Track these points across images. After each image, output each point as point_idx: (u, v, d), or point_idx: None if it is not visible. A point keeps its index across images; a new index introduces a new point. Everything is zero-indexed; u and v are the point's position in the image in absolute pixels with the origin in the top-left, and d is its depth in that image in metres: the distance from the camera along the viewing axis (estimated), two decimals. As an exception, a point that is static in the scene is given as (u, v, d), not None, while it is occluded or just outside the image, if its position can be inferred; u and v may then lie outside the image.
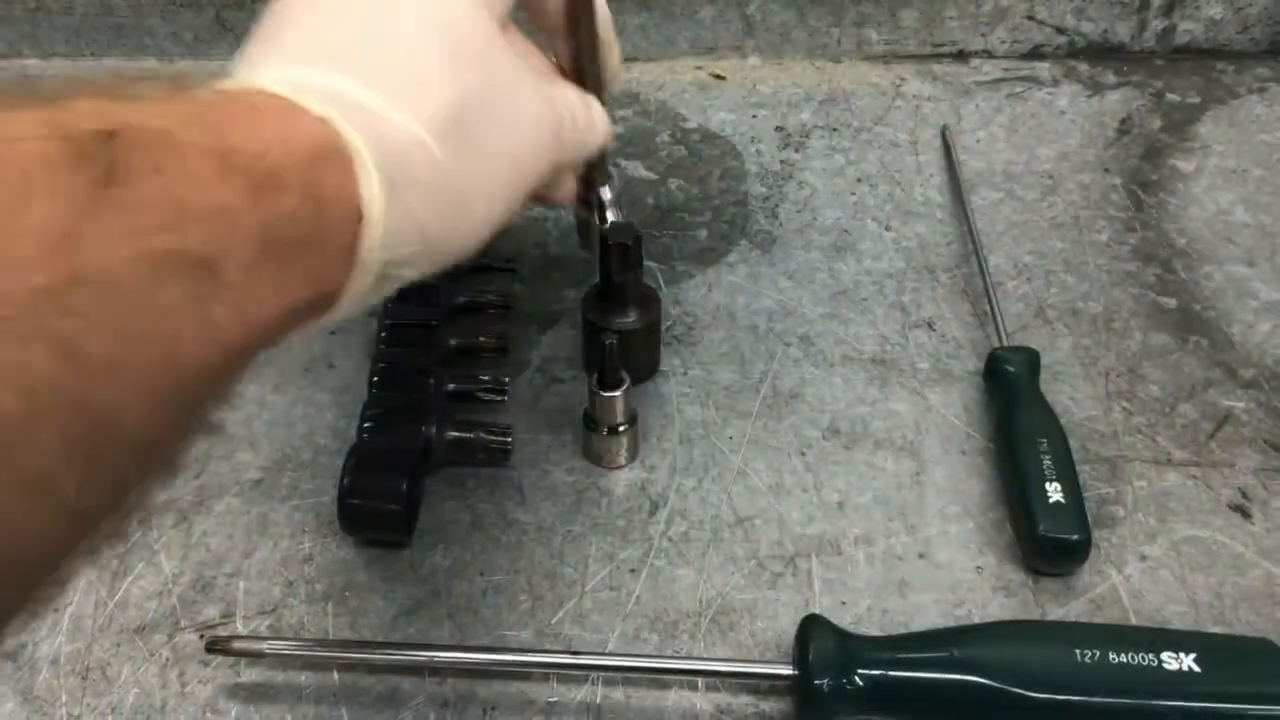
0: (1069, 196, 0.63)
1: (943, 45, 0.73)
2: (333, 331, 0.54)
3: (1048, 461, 0.46)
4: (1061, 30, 0.72)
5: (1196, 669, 0.38)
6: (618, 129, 0.67)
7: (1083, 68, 0.72)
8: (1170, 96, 0.70)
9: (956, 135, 0.66)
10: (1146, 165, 0.65)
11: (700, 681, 0.42)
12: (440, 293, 0.53)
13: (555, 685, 0.42)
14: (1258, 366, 0.53)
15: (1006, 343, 0.52)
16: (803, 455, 0.50)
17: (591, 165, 0.45)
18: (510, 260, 0.57)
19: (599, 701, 0.41)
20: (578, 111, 0.39)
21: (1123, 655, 0.38)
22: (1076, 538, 0.44)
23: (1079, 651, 0.38)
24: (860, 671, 0.39)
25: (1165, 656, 0.38)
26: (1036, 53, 0.73)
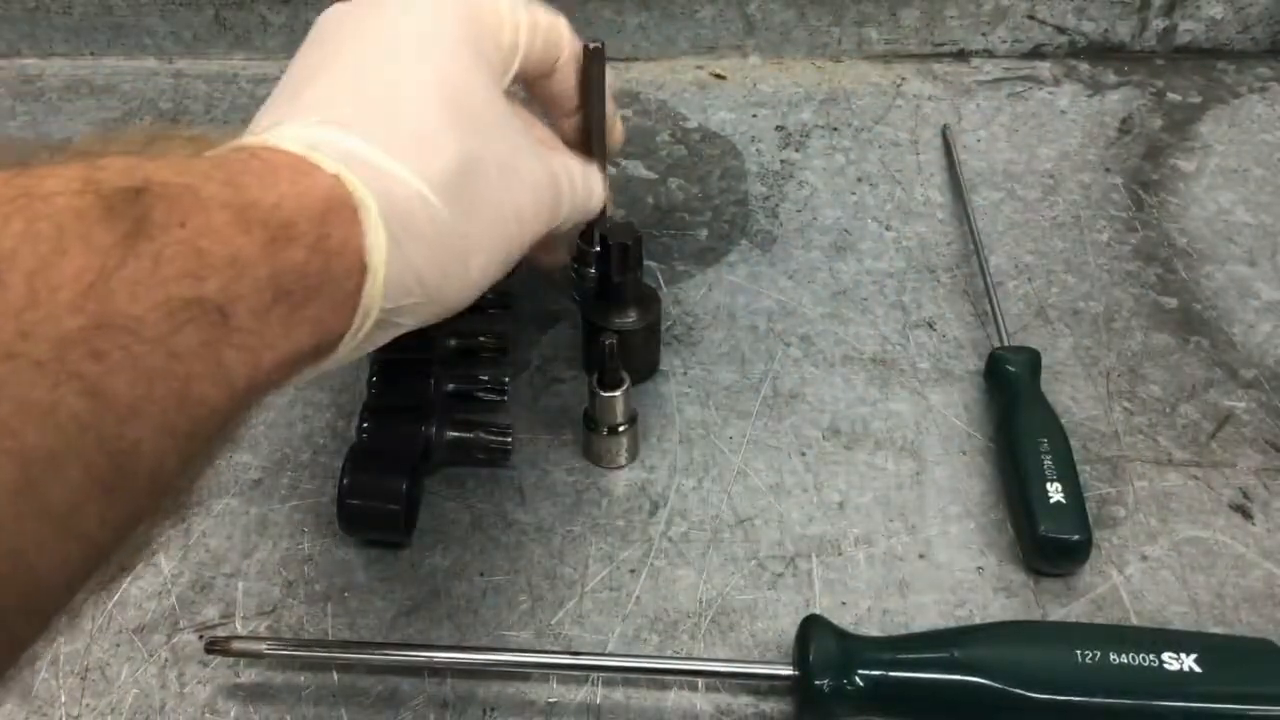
0: (1070, 196, 0.63)
1: (943, 45, 0.73)
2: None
3: (1048, 461, 0.46)
4: (1062, 30, 0.72)
5: (1197, 669, 0.38)
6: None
7: (1084, 67, 0.72)
8: (1171, 96, 0.70)
9: (957, 135, 0.66)
10: (1147, 165, 0.65)
11: (700, 682, 0.42)
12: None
13: (555, 685, 0.42)
14: (1259, 366, 0.53)
15: (1007, 342, 0.52)
16: (803, 455, 0.50)
17: (591, 224, 0.47)
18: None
19: (599, 702, 0.41)
20: (577, 177, 0.40)
21: (1124, 656, 0.38)
22: (1077, 538, 0.44)
23: (1080, 652, 0.38)
24: (860, 672, 0.39)
25: (1166, 657, 0.38)
26: (1037, 52, 0.73)
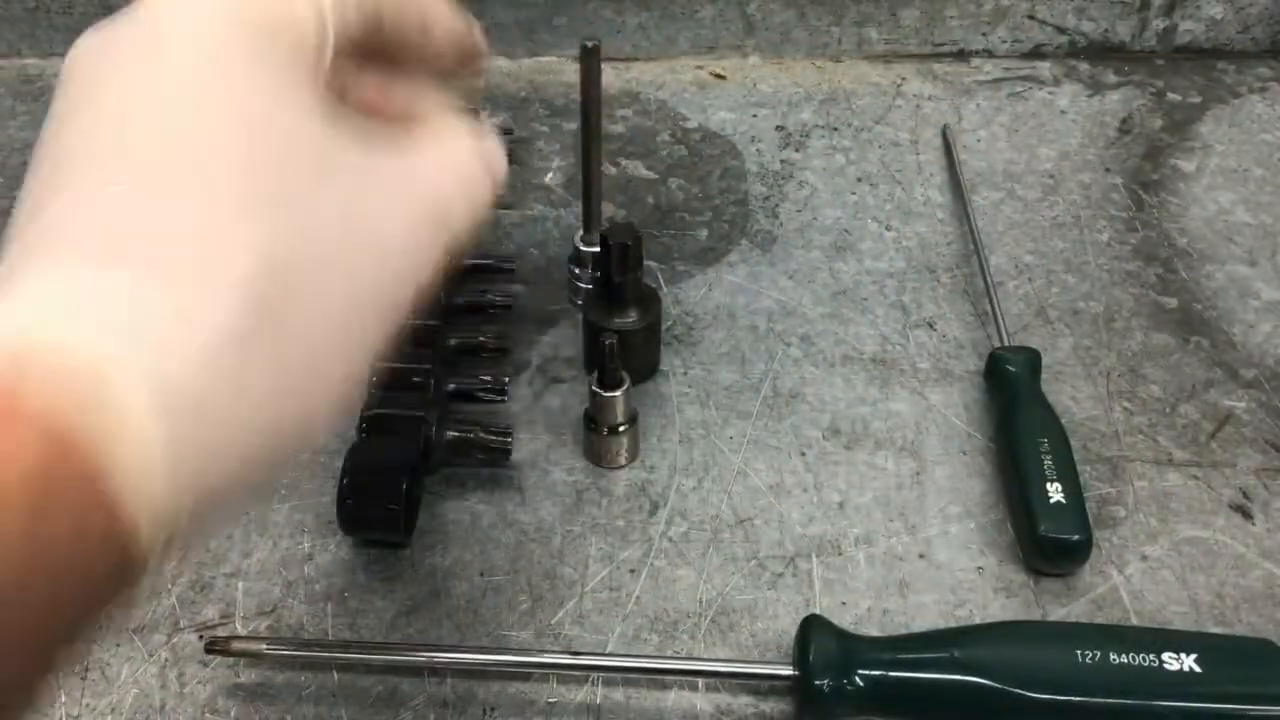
0: (1070, 196, 0.63)
1: (943, 45, 0.73)
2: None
3: (1048, 461, 0.46)
4: (1062, 30, 0.72)
5: (1197, 669, 0.38)
6: (618, 128, 0.67)
7: (1084, 67, 0.72)
8: (1171, 96, 0.70)
9: (957, 135, 0.66)
10: (1147, 165, 0.65)
11: (700, 682, 0.42)
12: (440, 293, 0.53)
13: (555, 686, 0.42)
14: (1259, 366, 0.53)
15: (1007, 342, 0.52)
16: (803, 455, 0.50)
17: (591, 225, 0.40)
18: (510, 260, 0.57)
19: (599, 702, 0.41)
20: (464, 159, 0.31)
21: (1123, 656, 0.38)
22: (1077, 538, 0.44)
23: (1080, 652, 0.38)
24: (860, 672, 0.39)
25: (1166, 657, 0.38)
26: (1037, 52, 0.73)
